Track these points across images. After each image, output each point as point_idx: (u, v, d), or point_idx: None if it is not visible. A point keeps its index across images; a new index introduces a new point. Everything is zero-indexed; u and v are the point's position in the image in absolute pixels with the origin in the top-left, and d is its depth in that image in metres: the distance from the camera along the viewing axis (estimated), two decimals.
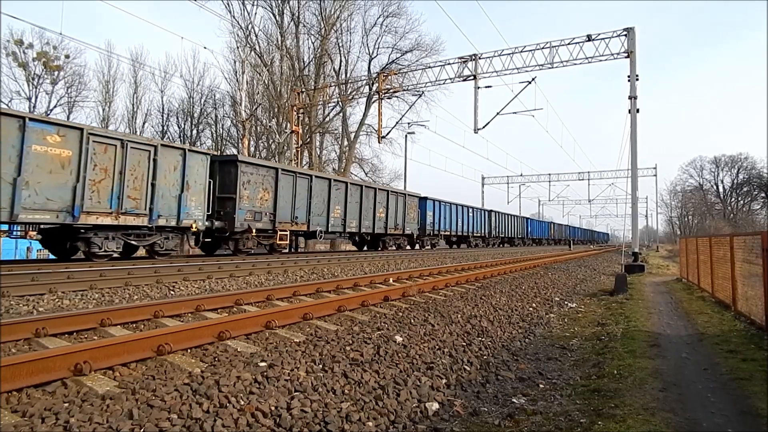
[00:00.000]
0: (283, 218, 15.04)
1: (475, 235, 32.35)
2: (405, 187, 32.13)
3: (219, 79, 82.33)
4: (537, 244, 48.89)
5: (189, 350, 4.06)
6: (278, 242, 15.08)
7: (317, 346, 4.28)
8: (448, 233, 28.27)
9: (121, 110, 47.78)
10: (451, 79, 23.07)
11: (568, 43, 20.42)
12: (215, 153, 14.29)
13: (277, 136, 30.96)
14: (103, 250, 10.40)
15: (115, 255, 10.85)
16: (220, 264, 10.58)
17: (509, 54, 21.55)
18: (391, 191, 22.01)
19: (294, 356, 3.93)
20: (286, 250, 16.21)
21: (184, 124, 41.38)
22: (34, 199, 9.00)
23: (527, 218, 47.31)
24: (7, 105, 30.07)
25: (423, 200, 25.05)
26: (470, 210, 31.73)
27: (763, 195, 64.34)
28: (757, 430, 3.14)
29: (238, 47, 30.12)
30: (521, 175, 58.55)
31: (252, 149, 34.37)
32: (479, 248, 31.88)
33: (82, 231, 10.06)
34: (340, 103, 30.71)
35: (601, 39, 19.59)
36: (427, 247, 26.40)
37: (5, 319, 4.81)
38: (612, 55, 19.37)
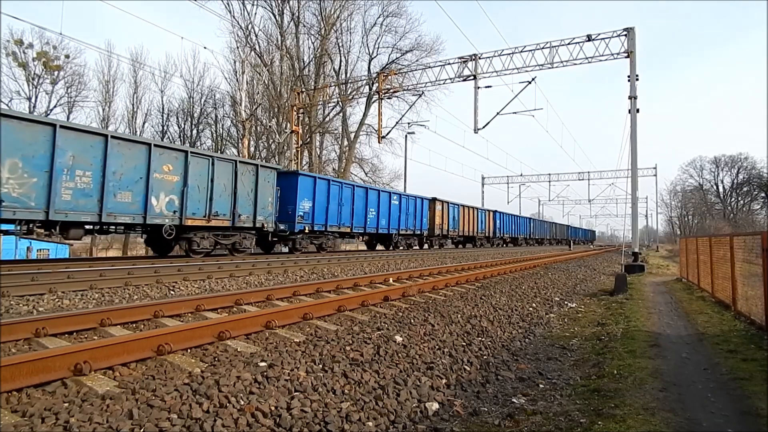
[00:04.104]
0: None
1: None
2: (405, 188, 32.21)
3: (219, 79, 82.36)
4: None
5: (189, 350, 4.06)
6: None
7: (317, 346, 4.28)
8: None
9: (121, 110, 47.89)
10: (451, 79, 23.06)
11: (568, 43, 20.41)
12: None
13: (277, 136, 30.96)
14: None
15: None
16: (220, 264, 10.57)
17: (509, 54, 21.54)
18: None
19: (294, 356, 3.93)
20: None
21: (184, 124, 41.32)
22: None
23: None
24: (8, 105, 30.08)
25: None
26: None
27: (763, 195, 64.33)
28: (757, 430, 3.14)
29: (238, 47, 30.16)
30: (521, 175, 58.62)
31: (252, 149, 34.34)
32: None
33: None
34: (340, 103, 30.69)
35: (601, 39, 19.58)
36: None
37: (5, 319, 4.81)
38: (612, 55, 19.36)
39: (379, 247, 22.90)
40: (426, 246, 25.87)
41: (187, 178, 11.68)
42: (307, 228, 15.98)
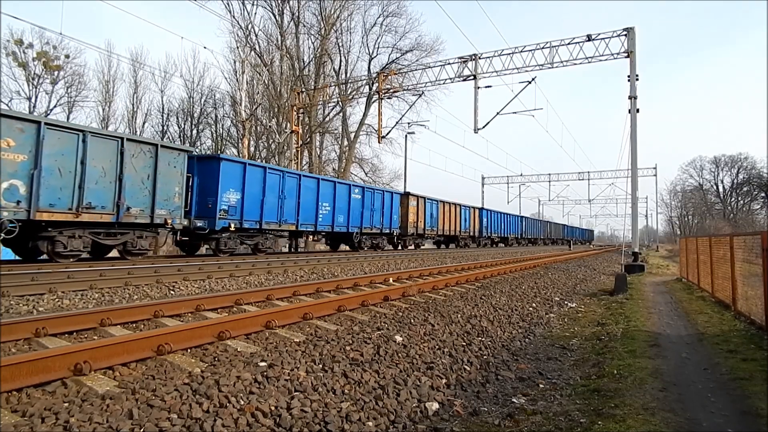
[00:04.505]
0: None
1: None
2: (405, 188, 32.03)
3: (219, 79, 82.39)
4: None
5: (189, 350, 4.06)
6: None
7: (317, 345, 4.28)
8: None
9: (121, 110, 47.78)
10: (451, 79, 23.07)
11: (568, 43, 20.42)
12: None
13: (277, 136, 30.98)
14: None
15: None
16: (219, 264, 10.58)
17: (509, 54, 21.55)
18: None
19: (294, 356, 3.93)
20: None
21: (184, 124, 41.34)
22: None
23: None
24: (8, 105, 30.09)
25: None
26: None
27: (763, 195, 64.33)
28: (757, 430, 3.14)
29: (238, 47, 30.14)
30: (521, 175, 58.49)
31: (252, 149, 34.36)
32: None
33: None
34: (340, 103, 30.70)
35: (601, 39, 19.58)
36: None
37: (5, 318, 4.81)
38: (612, 55, 19.37)
39: (343, 247, 20.67)
40: (400, 247, 23.53)
41: (39, 158, 8.99)
42: (233, 225, 13.35)
